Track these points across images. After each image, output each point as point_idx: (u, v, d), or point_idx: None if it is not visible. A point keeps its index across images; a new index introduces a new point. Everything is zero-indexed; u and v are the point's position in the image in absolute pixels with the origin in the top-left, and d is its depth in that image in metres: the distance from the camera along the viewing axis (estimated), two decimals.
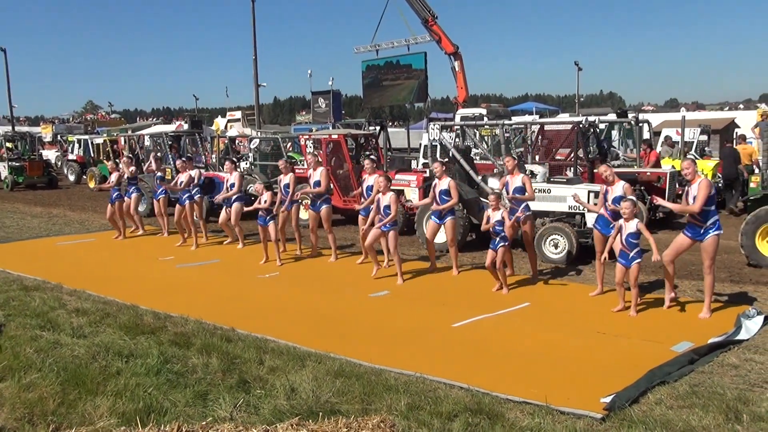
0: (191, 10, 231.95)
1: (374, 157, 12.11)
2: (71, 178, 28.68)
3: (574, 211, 10.40)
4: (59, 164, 33.80)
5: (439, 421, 4.62)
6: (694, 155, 17.22)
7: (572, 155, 13.19)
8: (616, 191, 8.01)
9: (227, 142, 19.79)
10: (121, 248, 12.59)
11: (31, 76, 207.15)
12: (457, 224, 9.91)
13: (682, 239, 7.43)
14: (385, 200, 9.28)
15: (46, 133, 44.99)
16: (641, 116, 16.15)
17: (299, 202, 11.65)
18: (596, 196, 9.38)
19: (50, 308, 7.82)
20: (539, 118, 30.57)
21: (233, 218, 12.16)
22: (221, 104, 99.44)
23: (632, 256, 7.38)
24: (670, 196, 12.81)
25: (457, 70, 29.05)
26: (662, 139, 19.06)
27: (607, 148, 14.57)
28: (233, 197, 12.11)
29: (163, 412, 4.80)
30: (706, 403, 4.90)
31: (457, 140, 13.58)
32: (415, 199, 12.38)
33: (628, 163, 14.93)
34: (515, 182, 9.05)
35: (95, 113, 75.96)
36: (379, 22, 31.40)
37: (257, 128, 37.06)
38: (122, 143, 21.96)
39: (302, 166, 15.81)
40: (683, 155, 15.93)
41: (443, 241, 10.34)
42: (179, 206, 12.50)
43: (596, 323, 7.13)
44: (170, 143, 18.68)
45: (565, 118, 24.27)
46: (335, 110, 37.67)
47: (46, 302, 8.10)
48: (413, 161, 18.94)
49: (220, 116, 49.04)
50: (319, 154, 13.95)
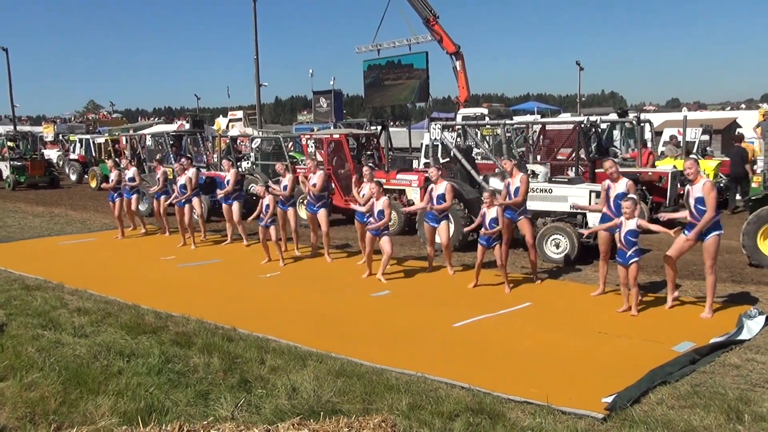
0: (192, 9, 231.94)
1: (372, 164, 12.10)
2: (73, 177, 28.68)
3: (575, 211, 10.38)
4: (61, 164, 33.80)
5: (440, 420, 4.62)
6: (695, 155, 17.19)
7: (574, 155, 13.18)
8: (619, 188, 8.00)
9: (229, 141, 19.77)
10: (122, 248, 12.60)
11: (32, 75, 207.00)
12: (457, 225, 9.89)
13: (683, 240, 7.41)
14: (378, 205, 9.34)
15: (47, 132, 44.94)
16: (643, 116, 16.12)
17: (298, 202, 11.65)
18: (598, 195, 9.37)
19: (52, 308, 7.83)
20: (541, 117, 30.57)
21: (234, 217, 12.19)
22: (223, 104, 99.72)
23: (630, 254, 7.36)
24: (671, 196, 12.79)
25: (458, 69, 29.03)
26: (667, 138, 19.05)
27: (606, 148, 14.54)
28: (232, 196, 12.15)
29: (164, 411, 4.81)
30: (707, 403, 4.89)
31: (458, 140, 13.58)
32: (416, 199, 12.38)
33: (628, 162, 14.90)
34: (515, 183, 9.06)
35: (97, 113, 76.03)
36: (380, 21, 31.39)
37: (259, 128, 37.08)
38: (124, 143, 21.98)
39: (303, 165, 15.80)
40: (686, 155, 15.94)
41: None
42: (179, 207, 12.50)
43: (597, 323, 7.13)
44: (172, 143, 18.70)
45: (566, 117, 24.25)
46: (337, 110, 37.68)
47: (47, 302, 8.11)
48: (414, 161, 18.93)
49: (221, 116, 49.02)
50: (320, 153, 13.96)
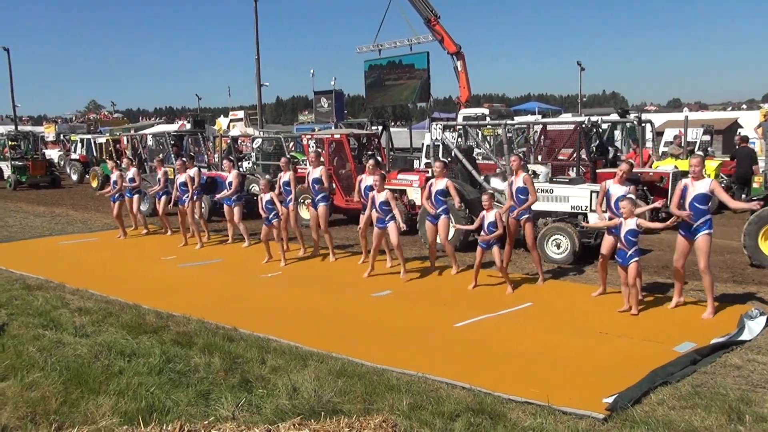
0: (193, 9, 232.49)
1: (377, 158, 12.10)
2: (74, 177, 28.69)
3: (576, 211, 10.38)
4: (62, 164, 33.82)
5: (441, 421, 4.62)
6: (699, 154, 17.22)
7: (575, 155, 13.17)
8: (620, 192, 8.01)
9: (230, 141, 19.79)
10: (123, 248, 12.61)
11: (34, 75, 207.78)
12: (450, 223, 9.86)
13: (681, 241, 7.48)
14: (380, 197, 9.31)
15: (49, 132, 44.96)
16: (644, 116, 16.12)
17: (301, 201, 11.66)
18: (598, 195, 9.35)
19: (53, 307, 7.83)
20: (542, 118, 30.57)
21: (236, 217, 12.20)
22: (224, 104, 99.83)
23: (630, 254, 7.36)
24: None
25: (459, 69, 29.05)
26: (668, 138, 19.06)
27: (606, 148, 14.52)
28: (233, 196, 12.15)
29: (165, 411, 4.81)
30: (708, 403, 4.89)
31: (459, 140, 13.58)
32: (417, 199, 12.38)
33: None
34: (517, 182, 9.05)
35: (98, 113, 76.04)
36: (381, 21, 31.44)
37: (260, 128, 37.11)
38: (125, 143, 21.99)
39: (304, 165, 15.80)
40: (687, 154, 15.96)
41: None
42: (180, 207, 12.51)
43: (598, 323, 7.13)
44: (173, 143, 18.70)
45: (567, 118, 24.25)
46: (338, 110, 37.73)
47: (48, 301, 8.12)
48: (415, 161, 18.93)
49: (222, 116, 49.10)
50: (321, 153, 13.95)
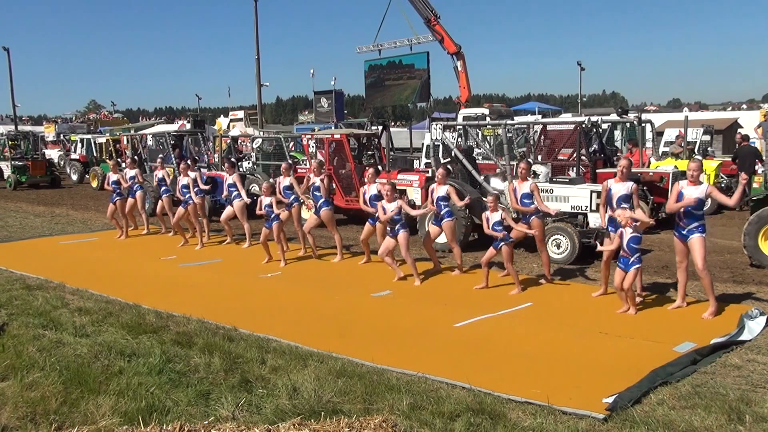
0: (193, 9, 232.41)
1: (377, 165, 12.08)
2: (74, 177, 28.70)
3: (576, 211, 10.38)
4: (62, 163, 33.82)
5: (441, 421, 4.62)
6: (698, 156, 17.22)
7: (575, 155, 13.17)
8: (622, 190, 8.00)
9: (229, 141, 19.79)
10: (123, 247, 12.61)
11: (34, 75, 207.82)
12: (458, 225, 9.88)
13: (677, 242, 7.51)
14: (391, 207, 9.28)
15: (48, 132, 44.99)
16: (644, 116, 16.11)
17: (301, 202, 11.65)
18: (598, 196, 9.35)
19: (53, 307, 7.84)
20: (542, 118, 30.56)
21: (239, 216, 12.15)
22: (224, 104, 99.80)
23: (632, 261, 7.38)
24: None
25: (459, 69, 29.00)
26: (669, 138, 19.05)
27: (602, 148, 14.52)
28: (233, 196, 12.14)
29: (165, 411, 4.81)
30: (708, 403, 4.89)
31: (459, 140, 13.57)
32: (417, 199, 12.37)
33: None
34: (523, 188, 8.99)
35: (98, 113, 76.00)
36: (381, 21, 31.34)
37: (260, 128, 37.12)
38: (125, 143, 21.99)
39: (305, 165, 15.81)
40: (688, 154, 15.97)
41: (444, 241, 10.33)
42: (181, 208, 12.49)
43: (598, 323, 7.12)
44: (173, 143, 18.70)
45: (567, 118, 24.25)
46: (338, 110, 37.72)
47: (48, 301, 8.12)
48: (415, 161, 18.92)
49: (222, 116, 49.06)
50: (321, 153, 13.96)
